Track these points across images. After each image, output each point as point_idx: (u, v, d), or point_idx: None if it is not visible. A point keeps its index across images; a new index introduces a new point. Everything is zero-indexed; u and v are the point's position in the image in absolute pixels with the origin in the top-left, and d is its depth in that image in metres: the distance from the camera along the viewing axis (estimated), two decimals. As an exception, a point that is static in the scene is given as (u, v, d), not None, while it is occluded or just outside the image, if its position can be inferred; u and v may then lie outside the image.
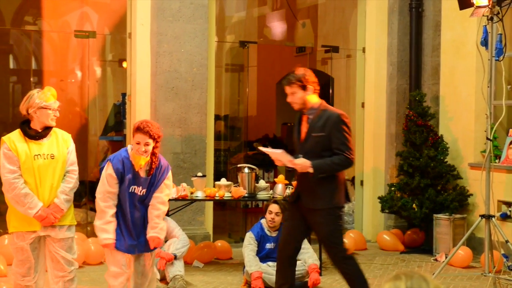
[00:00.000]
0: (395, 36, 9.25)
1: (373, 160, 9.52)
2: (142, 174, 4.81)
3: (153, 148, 4.77)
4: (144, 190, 4.79)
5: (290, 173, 8.93)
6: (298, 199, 5.37)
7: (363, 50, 9.56)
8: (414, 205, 8.43)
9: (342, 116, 5.26)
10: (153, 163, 4.78)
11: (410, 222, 8.84)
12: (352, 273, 5.36)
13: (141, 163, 4.77)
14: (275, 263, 6.73)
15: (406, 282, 2.29)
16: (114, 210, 4.70)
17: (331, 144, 5.17)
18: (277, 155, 5.25)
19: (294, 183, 5.83)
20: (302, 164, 5.12)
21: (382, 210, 8.93)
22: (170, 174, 4.95)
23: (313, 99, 5.27)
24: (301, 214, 5.34)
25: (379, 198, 8.95)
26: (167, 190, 4.93)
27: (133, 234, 4.79)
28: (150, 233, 4.79)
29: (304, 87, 5.19)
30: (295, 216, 5.41)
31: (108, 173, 4.70)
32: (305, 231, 5.48)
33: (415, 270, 2.56)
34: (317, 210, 5.22)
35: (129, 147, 4.86)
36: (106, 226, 4.65)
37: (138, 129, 4.75)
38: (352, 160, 5.24)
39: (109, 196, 4.68)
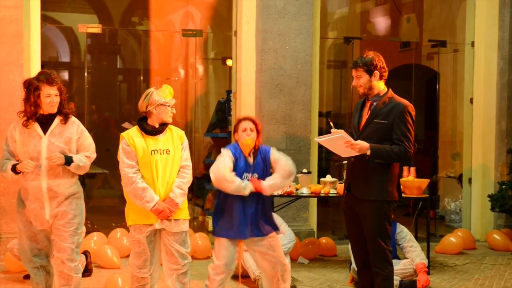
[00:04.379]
0: (507, 29, 8.95)
1: (482, 157, 9.24)
2: (251, 160, 5.00)
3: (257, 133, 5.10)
4: (256, 175, 4.98)
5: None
6: (349, 189, 5.17)
7: (472, 44, 9.29)
8: (527, 204, 8.12)
9: (409, 107, 5.02)
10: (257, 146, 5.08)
11: (522, 221, 8.52)
12: (386, 279, 5.05)
13: (250, 145, 5.00)
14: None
15: None
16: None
17: (393, 133, 4.95)
18: (337, 139, 4.92)
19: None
20: (362, 145, 4.89)
21: (492, 209, 8.65)
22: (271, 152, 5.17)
23: (380, 85, 5.05)
24: (354, 213, 5.12)
25: (489, 196, 8.68)
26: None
27: (248, 221, 4.98)
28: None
29: (370, 72, 4.99)
30: (351, 223, 5.19)
31: (225, 152, 4.98)
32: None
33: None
34: (368, 201, 5.00)
35: (229, 145, 5.14)
36: None
37: (244, 119, 5.19)
38: (411, 154, 5.00)
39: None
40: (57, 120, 4.96)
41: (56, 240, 4.95)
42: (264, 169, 5.05)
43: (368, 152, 4.90)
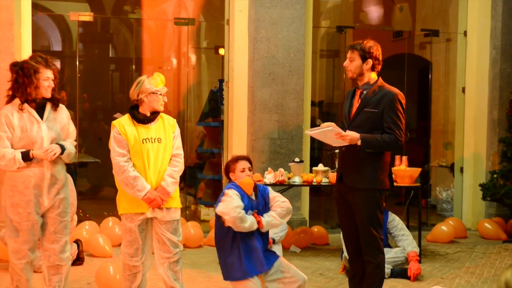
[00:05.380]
0: (499, 19, 8.95)
1: (474, 146, 9.27)
2: (254, 198, 4.91)
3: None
4: (256, 211, 4.89)
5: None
6: (340, 179, 5.16)
7: (465, 33, 9.30)
8: (518, 193, 8.16)
9: (399, 95, 5.01)
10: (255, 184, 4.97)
11: (513, 210, 8.56)
12: (377, 267, 5.07)
13: (252, 184, 4.92)
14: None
15: None
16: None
17: (383, 122, 4.94)
18: (327, 131, 4.90)
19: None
20: (352, 136, 4.88)
21: (484, 198, 8.68)
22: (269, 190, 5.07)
23: (371, 75, 5.04)
24: (346, 202, 5.11)
25: (480, 185, 8.71)
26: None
27: (260, 256, 4.86)
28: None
29: (364, 58, 4.97)
30: (343, 211, 5.19)
31: (232, 192, 4.83)
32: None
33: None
34: (359, 189, 5.00)
35: (229, 185, 4.97)
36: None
37: (239, 158, 5.01)
38: (402, 143, 4.98)
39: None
40: (49, 105, 4.89)
41: (50, 231, 4.87)
42: (264, 205, 5.00)
43: (359, 143, 4.90)
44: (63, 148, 4.83)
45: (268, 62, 8.23)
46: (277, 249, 6.67)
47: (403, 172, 7.17)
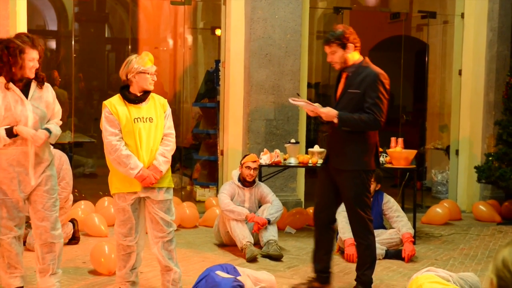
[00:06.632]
0: (497, 1, 8.94)
1: (470, 129, 9.28)
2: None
3: None
4: None
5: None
6: (327, 160, 5.22)
7: (462, 15, 9.28)
8: (513, 176, 8.17)
9: (381, 75, 4.97)
10: None
11: (508, 192, 8.60)
12: (368, 248, 5.15)
13: None
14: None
15: None
16: None
17: (364, 102, 4.95)
18: (304, 105, 5.08)
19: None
20: (328, 112, 4.92)
21: (479, 180, 8.70)
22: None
23: (355, 56, 5.02)
24: (331, 177, 5.17)
25: (475, 168, 8.73)
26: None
27: None
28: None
29: (343, 45, 4.97)
30: (324, 182, 5.24)
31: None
32: (337, 197, 5.24)
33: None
34: (344, 171, 5.04)
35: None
36: None
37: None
38: (380, 123, 4.97)
39: None
40: (34, 84, 4.81)
41: (38, 209, 4.83)
42: None
43: (335, 120, 4.91)
44: (49, 132, 4.77)
45: (265, 43, 8.20)
46: (272, 230, 6.69)
47: (399, 154, 7.17)
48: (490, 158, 8.53)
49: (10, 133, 4.67)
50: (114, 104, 4.84)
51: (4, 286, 4.94)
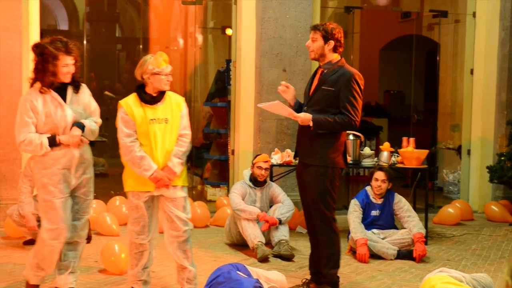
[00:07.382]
0: (509, 0, 8.86)
1: (482, 128, 9.22)
2: None
3: None
4: None
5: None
6: (296, 155, 5.26)
7: (474, 14, 9.23)
8: (525, 176, 8.13)
9: (356, 75, 5.01)
10: None
11: (520, 193, 8.54)
12: (330, 245, 5.09)
13: None
14: (380, 230, 6.73)
15: None
16: None
17: (339, 102, 4.98)
18: (273, 106, 5.08)
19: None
20: (304, 118, 4.96)
21: (491, 180, 8.66)
22: None
23: (333, 56, 5.07)
24: (302, 179, 5.16)
25: (487, 167, 8.69)
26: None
27: None
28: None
29: (326, 39, 5.01)
30: (301, 190, 5.23)
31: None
32: None
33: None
34: (311, 166, 5.04)
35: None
36: None
37: None
38: (355, 124, 5.00)
39: None
40: (70, 89, 4.84)
41: (75, 209, 4.90)
42: None
43: (311, 124, 4.95)
44: (80, 126, 4.80)
45: (276, 43, 8.19)
46: (284, 229, 6.68)
47: (410, 153, 7.15)
48: (502, 158, 8.49)
49: (53, 142, 4.75)
50: (130, 105, 4.84)
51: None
